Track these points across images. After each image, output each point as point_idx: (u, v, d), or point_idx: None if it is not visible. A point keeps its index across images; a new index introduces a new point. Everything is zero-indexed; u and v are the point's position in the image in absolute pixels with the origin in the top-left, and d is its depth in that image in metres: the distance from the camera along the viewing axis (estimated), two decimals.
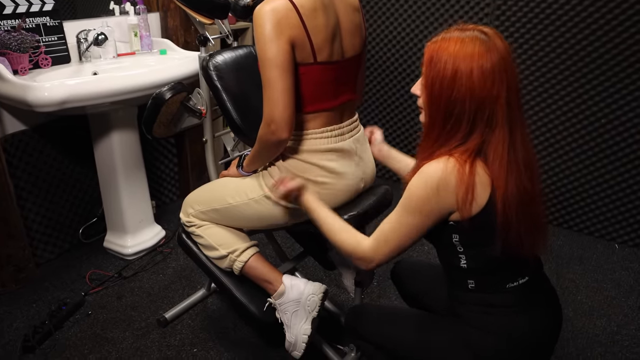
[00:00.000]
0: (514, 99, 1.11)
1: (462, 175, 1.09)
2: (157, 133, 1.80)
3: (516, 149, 1.12)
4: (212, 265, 1.62)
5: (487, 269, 1.18)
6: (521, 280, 1.19)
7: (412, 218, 1.16)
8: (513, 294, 1.19)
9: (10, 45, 1.98)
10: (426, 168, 1.13)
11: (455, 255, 1.19)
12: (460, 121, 1.11)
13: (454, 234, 1.17)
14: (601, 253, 2.55)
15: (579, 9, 2.36)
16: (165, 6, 2.62)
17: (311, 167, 1.43)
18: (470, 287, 1.21)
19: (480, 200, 1.10)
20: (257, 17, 1.29)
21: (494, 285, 1.19)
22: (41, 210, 2.33)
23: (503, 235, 1.11)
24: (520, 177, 1.12)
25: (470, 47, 1.08)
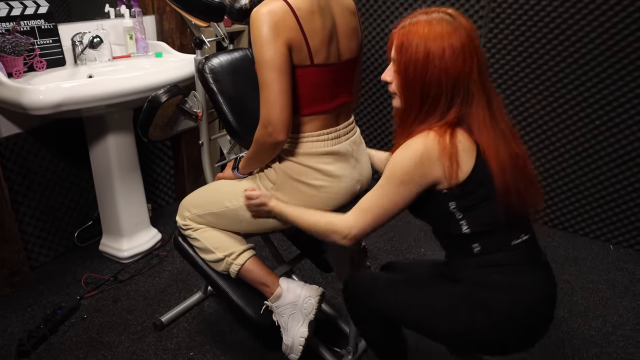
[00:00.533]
0: (484, 72, 1.17)
1: (444, 146, 1.13)
2: (153, 136, 1.79)
3: (497, 118, 1.18)
4: (209, 269, 1.62)
5: (491, 229, 1.20)
6: (524, 237, 1.22)
7: (395, 189, 1.19)
8: (518, 252, 1.22)
9: (5, 48, 1.97)
10: (408, 143, 1.17)
11: (455, 223, 1.21)
12: (438, 100, 1.15)
13: (451, 202, 1.19)
14: (596, 254, 2.56)
15: (572, 11, 2.38)
16: (160, 9, 2.62)
17: (308, 170, 1.43)
18: (476, 252, 1.22)
19: (466, 167, 1.15)
20: (254, 19, 1.29)
21: (499, 244, 1.21)
22: (36, 214, 2.32)
23: (504, 198, 1.15)
24: (508, 142, 1.17)
25: (438, 28, 1.13)
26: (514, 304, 1.20)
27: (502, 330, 1.22)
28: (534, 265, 1.24)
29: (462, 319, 1.23)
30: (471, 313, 1.22)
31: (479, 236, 1.21)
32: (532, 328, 1.25)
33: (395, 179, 1.18)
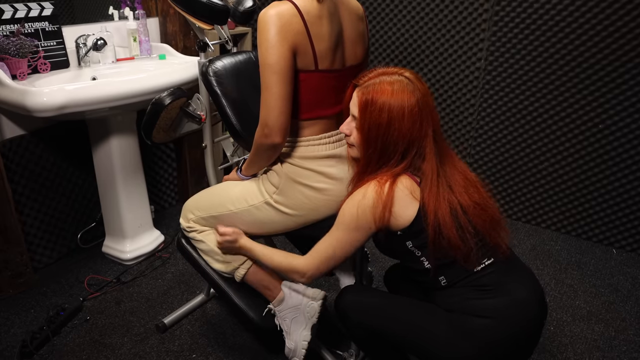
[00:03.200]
0: (438, 132, 1.28)
1: (380, 195, 1.23)
2: (157, 139, 1.80)
3: (446, 174, 1.27)
4: (212, 271, 1.62)
5: (449, 262, 1.27)
6: (487, 262, 1.28)
7: (343, 235, 1.30)
8: (485, 277, 1.27)
9: (9, 50, 1.98)
10: (354, 193, 1.29)
11: (416, 260, 1.29)
12: (391, 157, 1.27)
13: (407, 242, 1.28)
14: (599, 258, 2.55)
15: (576, 15, 2.38)
16: (164, 11, 2.62)
17: (310, 173, 1.43)
18: (443, 284, 1.30)
19: (410, 210, 1.24)
20: (262, 20, 1.29)
21: (461, 274, 1.27)
22: (39, 215, 2.33)
23: (437, 243, 1.23)
24: (455, 194, 1.26)
25: (399, 93, 1.23)
26: (493, 325, 1.24)
27: (488, 355, 1.25)
28: (507, 284, 1.27)
29: (449, 345, 1.27)
30: (456, 339, 1.26)
31: (441, 270, 1.28)
32: (520, 345, 1.28)
33: (342, 226, 1.29)
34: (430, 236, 1.22)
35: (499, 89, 2.68)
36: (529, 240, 2.68)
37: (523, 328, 1.26)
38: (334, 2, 1.37)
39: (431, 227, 1.22)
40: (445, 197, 1.24)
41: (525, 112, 2.65)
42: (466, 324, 1.25)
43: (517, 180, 2.79)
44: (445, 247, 1.24)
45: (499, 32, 2.59)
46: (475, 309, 1.26)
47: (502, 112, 2.71)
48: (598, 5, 2.32)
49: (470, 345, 1.25)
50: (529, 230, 2.78)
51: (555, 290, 2.29)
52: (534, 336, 1.30)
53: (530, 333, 1.28)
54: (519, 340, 1.26)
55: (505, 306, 1.25)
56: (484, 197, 1.31)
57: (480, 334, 1.24)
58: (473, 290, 1.27)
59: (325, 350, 1.82)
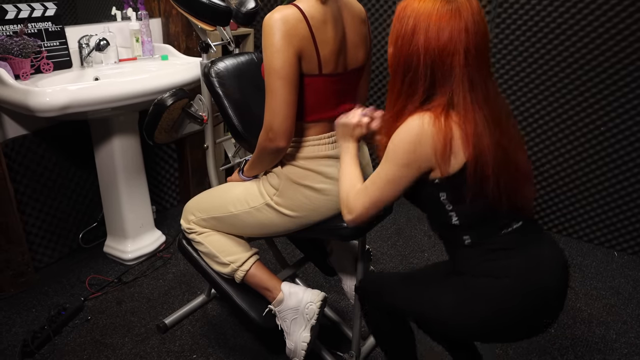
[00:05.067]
0: (478, 56, 1.14)
1: (439, 128, 1.13)
2: (159, 139, 1.80)
3: (481, 106, 1.15)
4: (213, 272, 1.62)
5: (479, 221, 1.21)
6: (515, 225, 1.22)
7: (392, 169, 1.19)
8: (510, 237, 1.21)
9: (12, 50, 1.98)
10: (405, 123, 1.17)
11: (445, 214, 1.22)
12: (417, 74, 1.15)
13: (441, 192, 1.19)
14: (600, 260, 2.55)
15: (578, 17, 2.37)
16: (167, 12, 2.63)
17: (310, 173, 1.43)
18: (466, 243, 1.23)
19: (460, 157, 1.14)
20: (267, 25, 1.28)
21: (489, 235, 1.22)
22: (41, 215, 2.33)
23: (477, 190, 1.15)
24: (490, 132, 1.15)
25: (430, 5, 1.13)
26: (510, 288, 1.19)
27: (507, 317, 1.20)
28: (532, 246, 1.22)
29: (469, 310, 1.22)
30: (476, 304, 1.21)
31: (468, 227, 1.22)
32: (538, 311, 1.22)
33: (394, 160, 1.18)
34: (469, 185, 1.14)
35: (500, 90, 2.68)
36: None
37: (543, 291, 1.20)
38: (337, 5, 1.38)
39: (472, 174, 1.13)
40: (485, 132, 1.14)
41: (526, 114, 2.64)
42: (481, 287, 1.21)
43: None
44: (481, 202, 1.16)
45: (500, 34, 2.59)
46: (493, 270, 1.20)
47: None
48: (600, 7, 2.31)
49: (485, 309, 1.20)
50: None
51: None
52: (553, 304, 1.23)
53: (550, 298, 1.22)
54: (537, 304, 1.20)
55: (526, 266, 1.19)
56: (515, 144, 1.22)
57: (497, 295, 1.19)
58: (495, 252, 1.21)
59: (326, 351, 1.82)
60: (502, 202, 1.17)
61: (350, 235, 1.51)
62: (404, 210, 2.95)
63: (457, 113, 1.14)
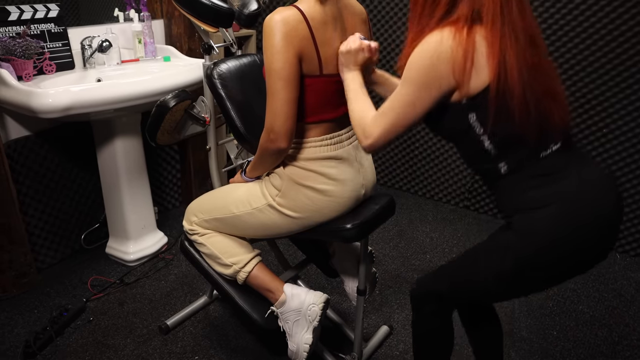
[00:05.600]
0: None
1: (459, 41, 1.06)
2: (161, 141, 1.80)
3: (514, 19, 1.08)
4: (215, 274, 1.62)
5: (514, 145, 1.13)
6: (554, 147, 1.14)
7: (411, 90, 1.12)
8: (550, 160, 1.13)
9: (15, 52, 1.99)
10: (424, 40, 1.11)
11: (477, 139, 1.14)
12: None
13: (470, 113, 1.12)
14: (602, 263, 2.54)
15: (580, 19, 2.38)
16: (169, 13, 2.63)
17: (312, 174, 1.43)
18: (503, 172, 1.16)
19: (484, 74, 1.08)
20: (267, 26, 1.29)
21: (526, 158, 1.13)
22: (43, 216, 2.34)
23: (503, 112, 1.08)
24: (519, 45, 1.07)
25: None
26: (563, 218, 1.09)
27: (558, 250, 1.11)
28: (577, 169, 1.13)
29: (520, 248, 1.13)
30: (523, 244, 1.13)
31: (502, 153, 1.14)
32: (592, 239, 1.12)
33: (411, 80, 1.12)
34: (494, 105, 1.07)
35: None
36: None
37: (596, 217, 1.10)
38: (338, 6, 1.38)
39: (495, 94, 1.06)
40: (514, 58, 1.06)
41: None
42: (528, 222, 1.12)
43: None
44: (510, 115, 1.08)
45: None
46: (535, 201, 1.12)
47: None
48: (602, 9, 2.31)
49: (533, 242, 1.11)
50: None
51: (558, 295, 2.29)
52: (607, 232, 1.13)
53: (604, 226, 1.12)
54: (591, 232, 1.10)
55: (577, 189, 1.10)
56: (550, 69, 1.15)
57: (543, 226, 1.10)
58: (536, 178, 1.12)
59: (328, 353, 1.82)
60: (532, 125, 1.09)
61: (353, 237, 1.51)
62: (406, 212, 2.95)
63: (484, 25, 1.07)
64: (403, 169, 3.17)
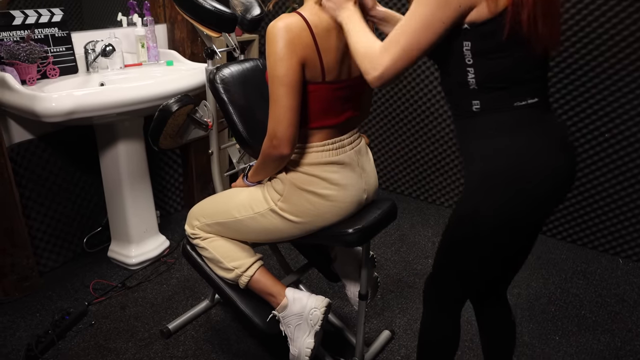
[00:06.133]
0: None
1: None
2: (164, 145, 1.81)
3: None
4: (217, 278, 1.63)
5: (495, 83, 1.13)
6: (530, 100, 1.14)
7: (428, 10, 1.05)
8: (520, 112, 1.14)
9: (19, 56, 2.00)
10: None
11: (463, 69, 1.13)
12: None
13: (466, 41, 1.10)
14: (605, 267, 2.54)
15: (582, 24, 2.38)
16: (172, 18, 2.64)
17: (314, 179, 1.43)
18: (475, 109, 1.15)
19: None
20: (270, 33, 1.29)
21: (500, 102, 1.14)
22: (46, 219, 2.34)
23: (515, 16, 1.05)
24: None
25: None
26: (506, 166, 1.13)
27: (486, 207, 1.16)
28: (540, 129, 1.15)
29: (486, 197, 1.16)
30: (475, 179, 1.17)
31: (481, 89, 1.14)
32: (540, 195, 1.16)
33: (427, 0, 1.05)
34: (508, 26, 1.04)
35: None
36: (535, 249, 2.67)
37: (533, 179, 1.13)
38: None
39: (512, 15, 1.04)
40: None
41: None
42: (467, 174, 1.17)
43: None
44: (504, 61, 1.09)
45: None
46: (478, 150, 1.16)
47: None
48: (604, 14, 2.32)
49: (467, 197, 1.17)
50: None
51: (560, 299, 2.28)
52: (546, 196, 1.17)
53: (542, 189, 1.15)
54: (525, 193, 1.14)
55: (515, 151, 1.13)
56: None
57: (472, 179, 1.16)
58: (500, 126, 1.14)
59: (329, 357, 1.82)
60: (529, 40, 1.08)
61: (355, 242, 1.51)
62: (408, 217, 2.95)
63: None
64: (405, 173, 3.18)
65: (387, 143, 3.20)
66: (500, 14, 1.06)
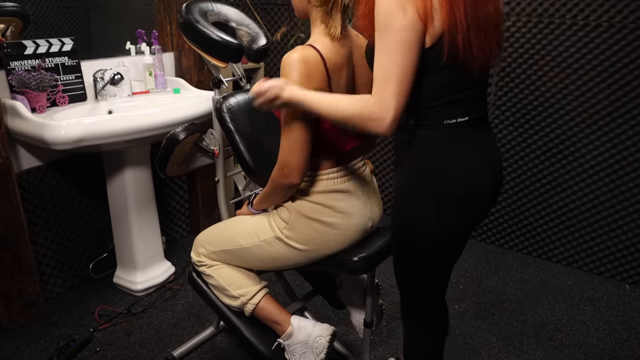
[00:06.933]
0: None
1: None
2: (171, 173, 1.83)
3: None
4: (222, 305, 1.63)
5: (429, 102, 1.18)
6: (460, 119, 1.21)
7: (395, 32, 1.08)
8: (450, 131, 1.21)
9: (30, 85, 2.04)
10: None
11: None
12: None
13: None
14: (612, 294, 2.52)
15: (584, 51, 2.41)
16: (179, 46, 2.69)
17: (319, 207, 1.45)
18: (410, 124, 1.22)
19: (438, 22, 1.10)
20: (286, 64, 1.31)
21: (432, 119, 1.20)
22: (53, 245, 2.36)
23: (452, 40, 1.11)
24: None
25: None
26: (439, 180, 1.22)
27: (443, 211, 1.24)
28: (468, 147, 1.23)
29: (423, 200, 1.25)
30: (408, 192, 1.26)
31: (417, 106, 1.19)
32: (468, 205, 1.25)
33: (387, 25, 1.09)
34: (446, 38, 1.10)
35: (508, 123, 2.71)
36: (540, 275, 2.66)
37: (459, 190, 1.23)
38: (350, 45, 1.41)
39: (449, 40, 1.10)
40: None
41: (534, 146, 2.66)
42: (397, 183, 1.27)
43: (527, 214, 2.79)
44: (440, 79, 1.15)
45: (507, 67, 2.63)
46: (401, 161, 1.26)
47: (512, 146, 2.73)
48: (605, 41, 2.35)
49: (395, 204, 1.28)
50: (540, 264, 2.76)
51: (567, 326, 2.27)
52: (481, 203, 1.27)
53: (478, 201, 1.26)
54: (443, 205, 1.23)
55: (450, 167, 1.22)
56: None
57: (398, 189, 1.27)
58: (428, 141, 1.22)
59: None
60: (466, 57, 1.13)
61: (360, 270, 1.51)
62: None
63: None
64: None
65: (391, 169, 3.21)
66: (439, 39, 1.12)
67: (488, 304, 2.41)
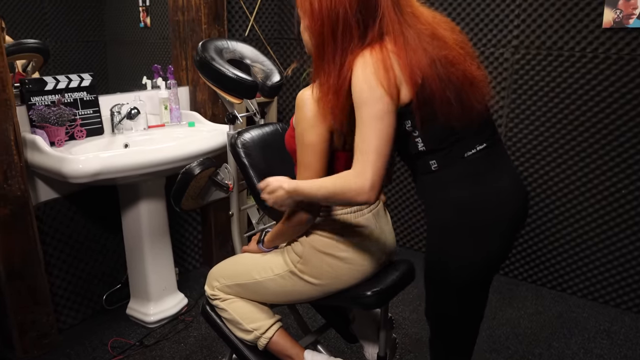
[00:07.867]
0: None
1: (377, 57, 1.18)
2: (186, 206, 1.86)
3: (411, 23, 1.22)
4: (236, 339, 1.63)
5: (443, 144, 1.27)
6: (479, 147, 1.29)
7: (370, 105, 1.18)
8: (473, 163, 1.28)
9: (50, 119, 2.09)
10: (354, 69, 1.20)
11: (412, 142, 1.28)
12: (348, 21, 1.20)
13: (406, 121, 1.25)
14: (629, 326, 2.48)
15: (593, 83, 2.43)
16: (194, 81, 2.75)
17: (333, 242, 1.46)
18: (434, 168, 1.29)
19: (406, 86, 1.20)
20: (301, 101, 1.35)
21: (453, 156, 1.28)
22: (67, 276, 2.38)
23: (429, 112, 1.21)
24: (427, 46, 1.21)
25: None
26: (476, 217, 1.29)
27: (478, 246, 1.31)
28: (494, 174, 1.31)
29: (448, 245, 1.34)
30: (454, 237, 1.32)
31: (434, 151, 1.28)
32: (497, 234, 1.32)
33: (363, 99, 1.19)
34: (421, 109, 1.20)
35: (519, 154, 2.71)
36: (555, 308, 2.63)
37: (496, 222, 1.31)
38: None
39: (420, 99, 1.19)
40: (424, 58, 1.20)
41: (546, 177, 2.66)
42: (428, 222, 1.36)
43: (541, 245, 2.77)
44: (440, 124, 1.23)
45: (517, 99, 2.65)
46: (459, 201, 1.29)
47: (524, 177, 2.73)
48: (614, 73, 2.37)
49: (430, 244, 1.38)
50: (555, 296, 2.73)
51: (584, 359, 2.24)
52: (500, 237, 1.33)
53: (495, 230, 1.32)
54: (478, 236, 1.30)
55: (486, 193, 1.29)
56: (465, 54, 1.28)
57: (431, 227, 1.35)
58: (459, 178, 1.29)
59: None
60: (455, 118, 1.23)
61: (373, 304, 1.51)
62: None
63: (390, 38, 1.20)
64: (422, 230, 3.18)
65: (403, 200, 3.22)
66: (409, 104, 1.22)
67: (502, 337, 2.39)
